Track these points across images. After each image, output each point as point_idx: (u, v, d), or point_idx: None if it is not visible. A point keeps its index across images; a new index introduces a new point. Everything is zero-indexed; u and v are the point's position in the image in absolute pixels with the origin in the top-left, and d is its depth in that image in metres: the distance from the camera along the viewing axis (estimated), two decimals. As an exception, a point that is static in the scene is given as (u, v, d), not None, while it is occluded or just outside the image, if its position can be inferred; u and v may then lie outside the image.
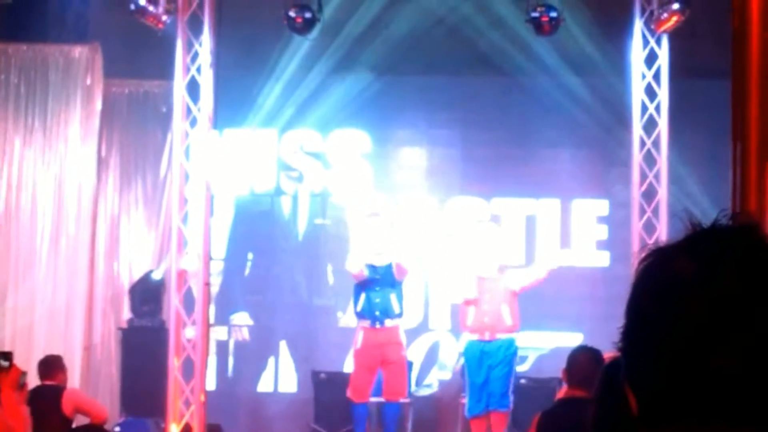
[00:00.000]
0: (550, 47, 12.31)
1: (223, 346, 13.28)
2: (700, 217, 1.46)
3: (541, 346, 12.71)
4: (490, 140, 13.01)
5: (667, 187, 11.18)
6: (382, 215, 11.21)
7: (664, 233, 11.01)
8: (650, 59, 11.22)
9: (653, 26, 11.09)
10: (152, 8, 10.75)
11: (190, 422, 10.71)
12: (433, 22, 12.76)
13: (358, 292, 11.03)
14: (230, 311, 13.34)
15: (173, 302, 10.88)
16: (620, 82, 11.62)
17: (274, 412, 12.95)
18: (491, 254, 11.08)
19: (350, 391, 10.98)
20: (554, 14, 11.17)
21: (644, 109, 11.23)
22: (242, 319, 13.37)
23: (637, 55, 11.24)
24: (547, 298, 11.70)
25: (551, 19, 11.18)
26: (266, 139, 13.30)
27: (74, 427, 9.86)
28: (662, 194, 11.16)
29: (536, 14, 11.19)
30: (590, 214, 13.15)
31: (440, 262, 12.88)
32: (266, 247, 13.39)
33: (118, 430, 11.65)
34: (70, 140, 12.47)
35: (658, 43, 11.18)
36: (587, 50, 12.41)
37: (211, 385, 12.02)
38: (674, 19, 10.78)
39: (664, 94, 11.18)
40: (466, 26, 12.68)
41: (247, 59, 12.48)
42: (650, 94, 11.22)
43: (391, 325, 10.89)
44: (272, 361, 13.26)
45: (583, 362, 6.16)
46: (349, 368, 11.56)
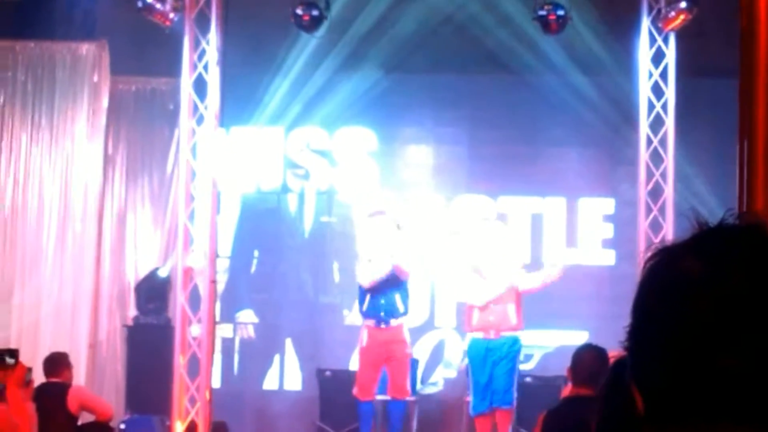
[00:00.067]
0: (557, 45, 12.30)
1: (228, 343, 13.28)
2: (706, 216, 1.45)
3: (546, 344, 12.71)
4: (496, 138, 13.01)
5: (673, 185, 11.17)
6: (386, 214, 11.19)
7: (670, 232, 11.00)
8: (657, 58, 11.21)
9: (660, 25, 11.09)
10: (159, 5, 10.76)
11: (195, 420, 10.71)
12: (440, 20, 12.75)
13: (363, 292, 11.02)
14: (236, 309, 13.34)
15: (179, 300, 10.88)
16: (627, 80, 11.61)
17: (279, 409, 12.95)
18: (497, 252, 11.06)
19: (356, 388, 10.97)
20: (561, 12, 11.17)
21: (651, 107, 11.22)
22: (248, 316, 13.37)
23: (644, 53, 11.23)
24: (552, 296, 11.68)
25: (558, 17, 11.17)
26: (273, 136, 13.29)
27: (80, 424, 9.89)
28: (669, 193, 11.15)
29: (543, 12, 11.19)
30: (596, 212, 13.14)
31: (446, 260, 12.87)
32: (272, 244, 13.39)
33: (123, 427, 11.64)
34: (76, 137, 12.49)
35: (665, 41, 11.17)
36: (594, 48, 12.40)
37: (216, 382, 12.02)
38: (681, 17, 10.78)
39: (671, 92, 11.17)
40: (473, 24, 12.66)
41: (254, 57, 12.48)
42: (657, 92, 11.21)
43: (395, 323, 10.88)
44: (278, 358, 13.26)
45: (588, 360, 6.15)
46: (354, 366, 11.54)
